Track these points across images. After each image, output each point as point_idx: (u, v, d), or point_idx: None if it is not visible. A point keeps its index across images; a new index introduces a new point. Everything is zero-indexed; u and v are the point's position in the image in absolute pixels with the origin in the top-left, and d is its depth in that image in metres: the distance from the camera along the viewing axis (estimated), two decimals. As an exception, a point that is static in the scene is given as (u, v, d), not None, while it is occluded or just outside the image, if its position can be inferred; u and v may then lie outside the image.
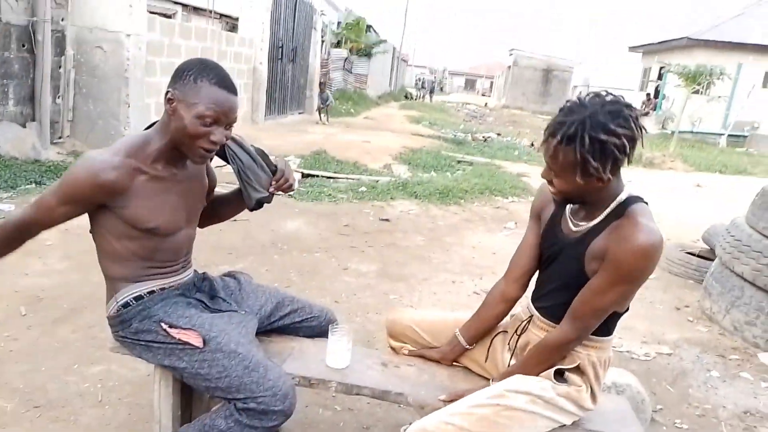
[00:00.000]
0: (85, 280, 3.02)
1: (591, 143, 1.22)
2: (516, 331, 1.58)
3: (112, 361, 2.26)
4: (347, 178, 6.71)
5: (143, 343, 1.49)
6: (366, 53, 20.36)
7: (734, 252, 3.23)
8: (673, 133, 14.40)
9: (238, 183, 1.60)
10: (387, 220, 5.06)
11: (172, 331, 1.44)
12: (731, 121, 18.08)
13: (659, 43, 22.16)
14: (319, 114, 12.75)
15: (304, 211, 5.06)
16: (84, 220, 1.48)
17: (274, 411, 1.39)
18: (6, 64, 5.01)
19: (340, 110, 15.85)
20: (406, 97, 29.75)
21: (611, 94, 1.29)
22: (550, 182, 1.37)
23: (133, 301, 1.48)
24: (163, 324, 1.45)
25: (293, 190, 1.73)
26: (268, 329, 1.71)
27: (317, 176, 6.62)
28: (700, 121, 17.74)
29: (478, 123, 19.28)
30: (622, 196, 1.35)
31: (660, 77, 20.86)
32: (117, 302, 1.49)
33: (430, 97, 30.57)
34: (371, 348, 2.65)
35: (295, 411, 2.11)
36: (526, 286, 1.62)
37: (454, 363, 1.69)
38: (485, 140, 12.90)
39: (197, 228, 1.67)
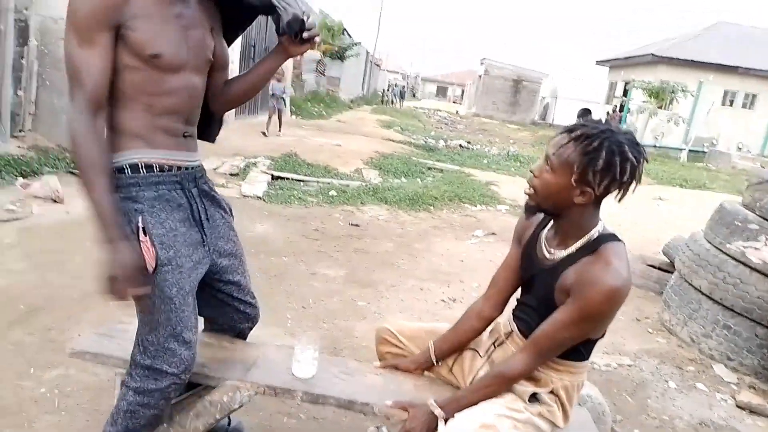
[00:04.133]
0: (43, 281, 2.92)
1: (603, 151, 1.25)
2: (494, 343, 1.59)
3: (70, 365, 2.19)
4: (318, 182, 6.68)
5: None
6: (339, 56, 20.33)
7: (692, 266, 3.33)
8: (636, 146, 14.79)
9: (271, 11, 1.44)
10: (357, 225, 5.05)
11: (140, 237, 1.33)
12: (692, 136, 18.74)
13: (625, 58, 22.85)
14: (268, 121, 10.00)
15: (273, 214, 5.01)
16: (41, 219, 1.43)
17: (165, 372, 1.40)
18: (-36, 54, 4.81)
19: (311, 112, 15.77)
20: (382, 101, 29.79)
21: (631, 132, 1.34)
22: (533, 179, 1.37)
23: (129, 170, 1.35)
24: (140, 222, 1.34)
25: (313, 45, 1.51)
26: (203, 281, 1.54)
27: (287, 179, 6.57)
28: (662, 136, 18.32)
29: (449, 130, 19.45)
30: (595, 232, 1.36)
31: (625, 93, 21.47)
32: (112, 162, 1.33)
33: (400, 102, 30.69)
34: (338, 355, 2.64)
35: (259, 419, 2.09)
36: (503, 306, 1.63)
37: (426, 372, 1.70)
38: (463, 147, 13.03)
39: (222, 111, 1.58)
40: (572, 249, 1.37)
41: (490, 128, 22.45)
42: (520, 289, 1.60)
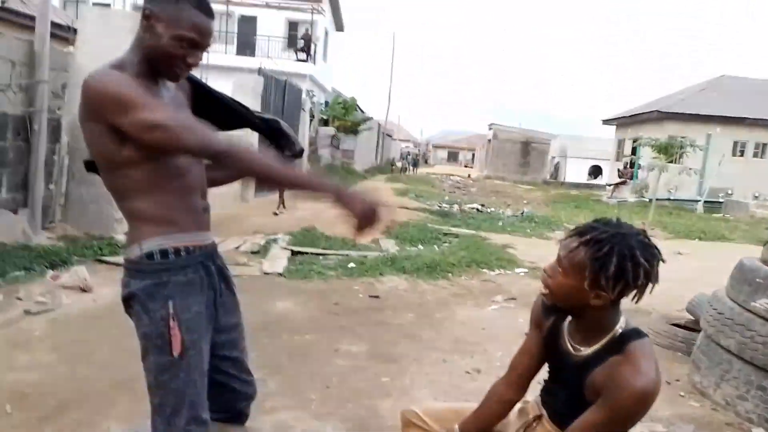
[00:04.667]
0: (72, 374, 2.97)
1: (614, 257, 1.24)
2: (525, 427, 1.58)
3: (101, 459, 2.20)
4: (336, 255, 6.77)
5: (139, 306, 1.42)
6: (353, 130, 21.01)
7: (718, 325, 3.29)
8: (650, 201, 14.81)
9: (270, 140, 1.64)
10: (377, 297, 5.08)
11: (170, 323, 1.38)
12: (706, 188, 18.71)
13: (631, 116, 23.24)
14: (279, 198, 9.94)
15: (293, 291, 5.07)
16: (70, 309, 1.51)
17: None
18: (1, 153, 5.12)
19: (326, 185, 16.10)
20: (392, 166, 30.53)
21: (643, 231, 1.33)
22: (548, 279, 1.37)
23: (159, 255, 1.41)
24: (170, 308, 1.39)
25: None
26: None
27: (307, 254, 6.67)
28: (676, 189, 18.32)
29: (463, 194, 19.68)
30: (618, 329, 1.36)
31: (634, 151, 21.71)
32: (141, 249, 1.40)
33: (414, 169, 31.32)
34: (365, 436, 2.62)
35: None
36: (526, 388, 1.63)
37: None
38: (479, 211, 13.16)
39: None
40: (597, 347, 1.37)
41: (502, 189, 22.66)
42: (545, 371, 1.60)
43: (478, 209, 13.57)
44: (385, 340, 4.00)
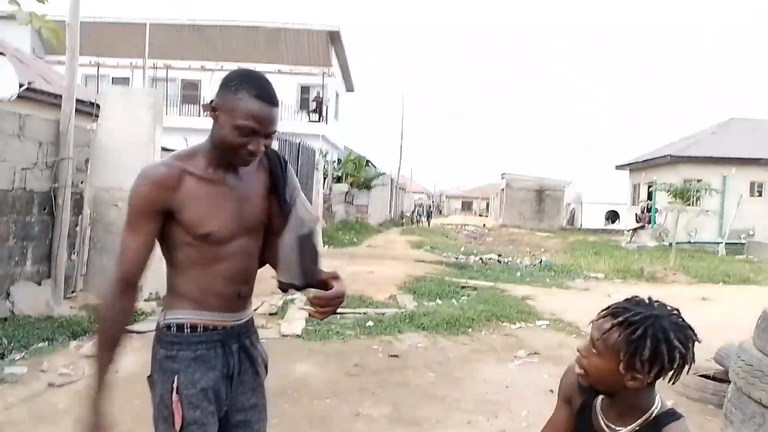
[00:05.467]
0: (95, 447, 2.97)
1: (648, 340, 1.23)
2: None
3: None
4: (354, 313, 6.74)
5: (155, 372, 1.50)
6: (366, 186, 21.32)
7: (748, 377, 3.20)
8: (670, 245, 14.63)
9: (287, 252, 1.56)
10: (396, 356, 5.03)
11: (173, 397, 1.44)
12: (726, 230, 18.46)
13: (644, 161, 23.28)
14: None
15: (312, 352, 5.04)
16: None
17: None
18: (27, 228, 5.29)
19: (343, 240, 16.23)
20: (402, 222, 30.77)
21: (677, 310, 1.31)
22: (582, 359, 1.35)
23: (175, 328, 1.47)
24: (174, 382, 1.44)
25: (324, 317, 1.62)
26: None
27: (324, 313, 6.65)
28: (696, 232, 18.10)
29: (479, 244, 19.63)
30: (654, 410, 1.34)
31: (649, 196, 21.63)
32: (164, 319, 1.48)
33: (428, 221, 31.43)
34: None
35: None
36: None
37: None
38: (498, 261, 13.08)
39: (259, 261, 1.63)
40: (633, 427, 1.35)
41: (518, 238, 22.57)
42: None
43: (498, 260, 13.45)
44: (406, 401, 3.94)
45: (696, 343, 1.28)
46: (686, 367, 1.28)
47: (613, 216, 30.62)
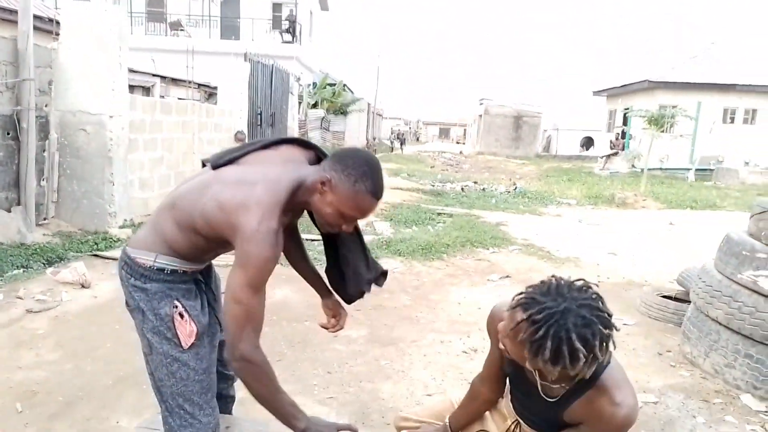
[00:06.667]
0: (78, 370, 3.03)
1: (548, 341, 1.19)
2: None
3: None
4: (331, 240, 6.81)
5: (144, 305, 1.52)
6: (342, 111, 20.90)
7: (707, 297, 3.38)
8: (642, 171, 14.90)
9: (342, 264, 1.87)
10: (373, 281, 5.14)
11: (179, 320, 1.52)
12: (697, 156, 18.81)
13: (621, 86, 23.18)
14: None
15: (290, 278, 5.07)
16: (71, 306, 1.56)
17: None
18: (-9, 153, 5.10)
19: (319, 168, 16.10)
20: (368, 145, 30.50)
21: (593, 296, 1.24)
22: (504, 338, 1.32)
23: (168, 272, 1.54)
24: (177, 306, 1.52)
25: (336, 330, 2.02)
26: None
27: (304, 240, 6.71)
28: (667, 158, 18.41)
29: (455, 171, 19.70)
30: None
31: (625, 121, 21.72)
32: (155, 261, 1.52)
33: (401, 147, 31.17)
34: (367, 419, 2.71)
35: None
36: (502, 390, 1.69)
37: None
38: (474, 190, 13.23)
39: None
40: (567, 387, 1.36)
41: (495, 165, 22.69)
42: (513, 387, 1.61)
43: (474, 187, 13.58)
44: (383, 323, 4.08)
45: (608, 337, 1.21)
46: (597, 361, 1.22)
47: (588, 143, 30.81)
